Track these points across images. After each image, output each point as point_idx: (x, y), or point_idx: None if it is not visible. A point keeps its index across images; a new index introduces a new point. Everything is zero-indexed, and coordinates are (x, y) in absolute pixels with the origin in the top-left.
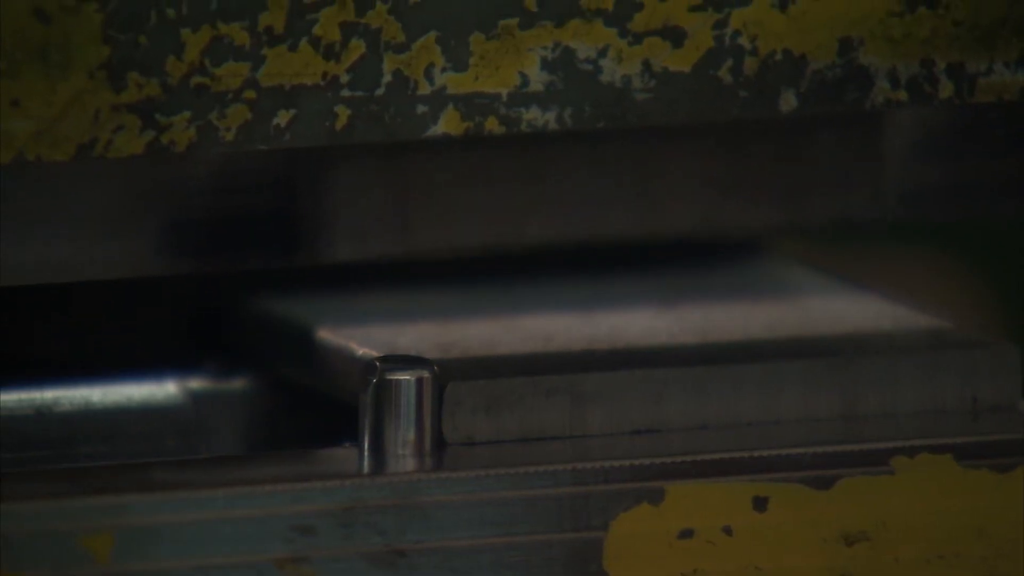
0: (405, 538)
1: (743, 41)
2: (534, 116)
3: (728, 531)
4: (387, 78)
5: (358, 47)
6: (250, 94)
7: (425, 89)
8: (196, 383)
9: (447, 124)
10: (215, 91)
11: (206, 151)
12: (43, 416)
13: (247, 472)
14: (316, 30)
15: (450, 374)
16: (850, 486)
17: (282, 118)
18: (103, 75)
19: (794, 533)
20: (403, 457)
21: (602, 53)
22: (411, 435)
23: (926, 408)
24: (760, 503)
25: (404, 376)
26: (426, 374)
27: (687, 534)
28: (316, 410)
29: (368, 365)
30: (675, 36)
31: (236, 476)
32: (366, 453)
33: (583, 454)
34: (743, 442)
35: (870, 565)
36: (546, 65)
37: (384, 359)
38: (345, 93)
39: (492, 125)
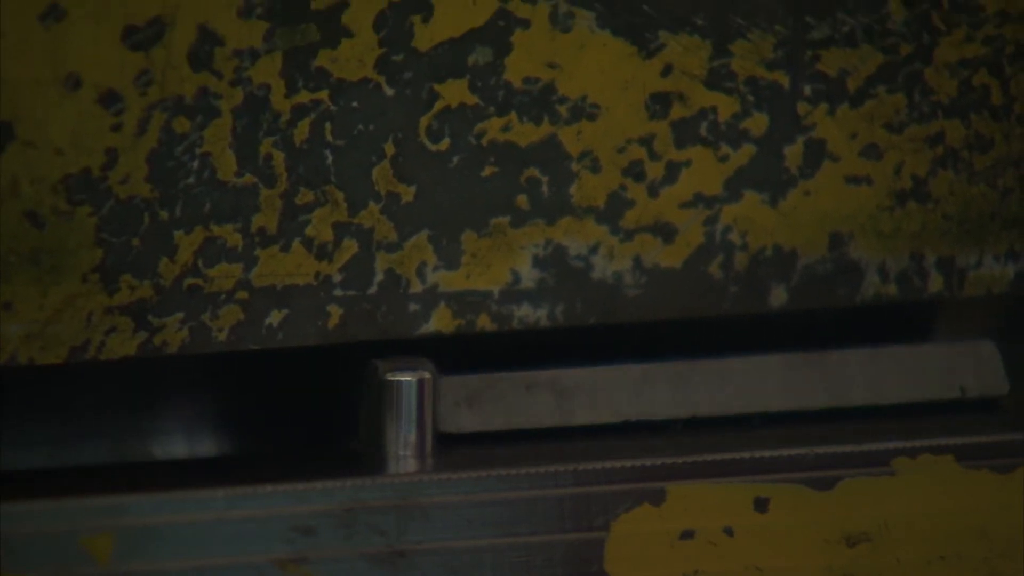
0: (406, 539)
1: (734, 237)
2: (526, 313)
3: (729, 532)
4: (379, 277)
5: (350, 247)
6: (243, 294)
7: (417, 287)
8: None
9: (439, 322)
10: (208, 292)
11: (199, 351)
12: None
13: (247, 472)
14: (309, 230)
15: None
16: (851, 487)
17: (274, 318)
18: (96, 278)
19: (795, 534)
20: (404, 458)
21: (593, 250)
22: (412, 436)
23: (910, 400)
24: (761, 504)
25: (405, 377)
26: (427, 375)
27: (688, 535)
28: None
29: (369, 366)
30: (666, 232)
31: (236, 476)
32: (367, 454)
33: (583, 454)
34: (744, 443)
35: (872, 566)
36: (538, 262)
37: (385, 360)
38: (337, 292)
39: (484, 322)
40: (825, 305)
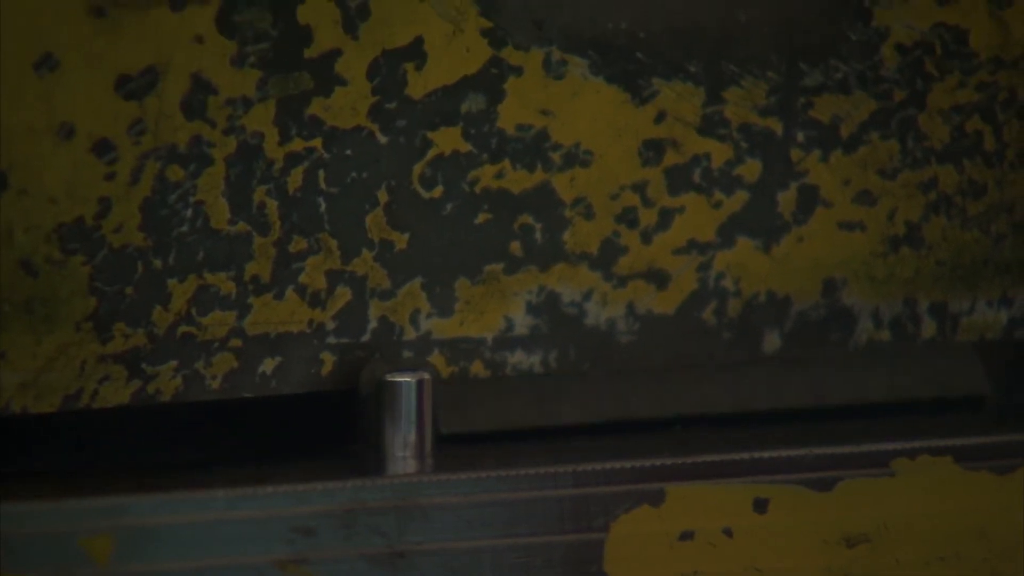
0: (405, 539)
1: (727, 283)
2: (519, 359)
3: (728, 532)
4: (373, 324)
5: (344, 294)
6: (236, 342)
7: (411, 335)
8: None
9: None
10: (201, 340)
11: (192, 399)
12: None
13: (247, 473)
14: (302, 278)
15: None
16: (851, 488)
17: (268, 365)
18: (89, 327)
19: (794, 535)
20: (404, 459)
21: (587, 296)
22: (412, 436)
23: (892, 400)
24: (760, 505)
25: (405, 378)
26: (426, 376)
27: (688, 535)
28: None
29: (370, 367)
30: (659, 279)
31: (236, 477)
32: (367, 454)
33: (583, 455)
34: (743, 444)
35: (871, 567)
36: (531, 309)
37: (384, 361)
38: (331, 340)
39: (477, 369)
40: (818, 351)
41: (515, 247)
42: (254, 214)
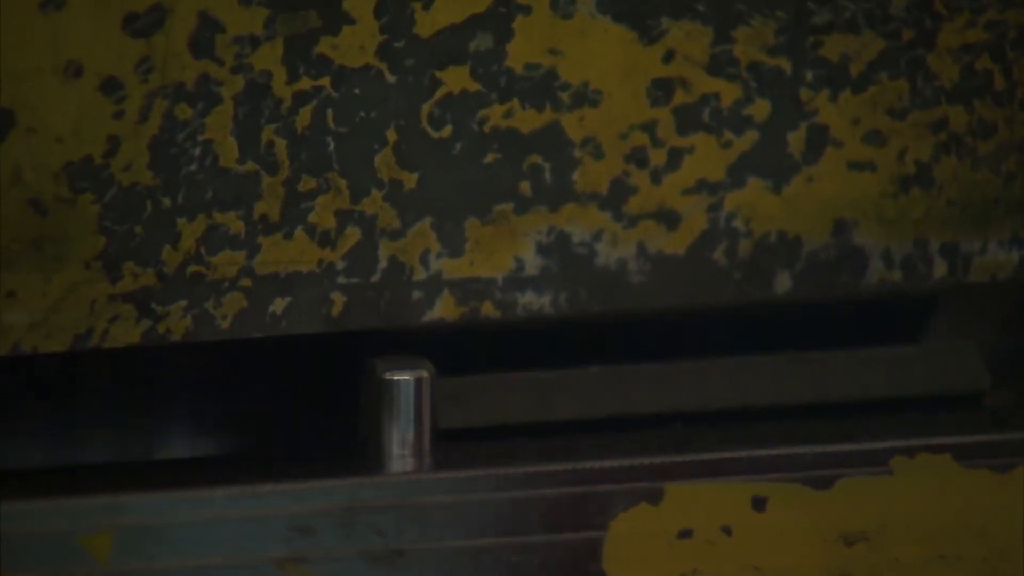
0: (404, 538)
1: (737, 223)
2: (529, 300)
3: (727, 531)
4: (382, 264)
5: (353, 234)
6: (246, 282)
7: (420, 275)
8: None
9: (443, 309)
10: (211, 279)
11: (202, 339)
12: None
13: (246, 472)
14: (311, 217)
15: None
16: (849, 486)
17: (277, 305)
18: (98, 266)
19: (793, 533)
20: (402, 457)
21: (597, 237)
22: (410, 435)
23: (893, 397)
24: (759, 503)
25: (403, 376)
26: (425, 374)
27: (686, 534)
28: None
29: (367, 365)
30: (669, 219)
31: (235, 476)
32: (365, 453)
33: (582, 454)
34: (742, 442)
35: (870, 565)
36: (541, 249)
37: (383, 360)
38: (341, 280)
39: (488, 310)
40: (830, 292)
41: (524, 187)
42: (263, 153)
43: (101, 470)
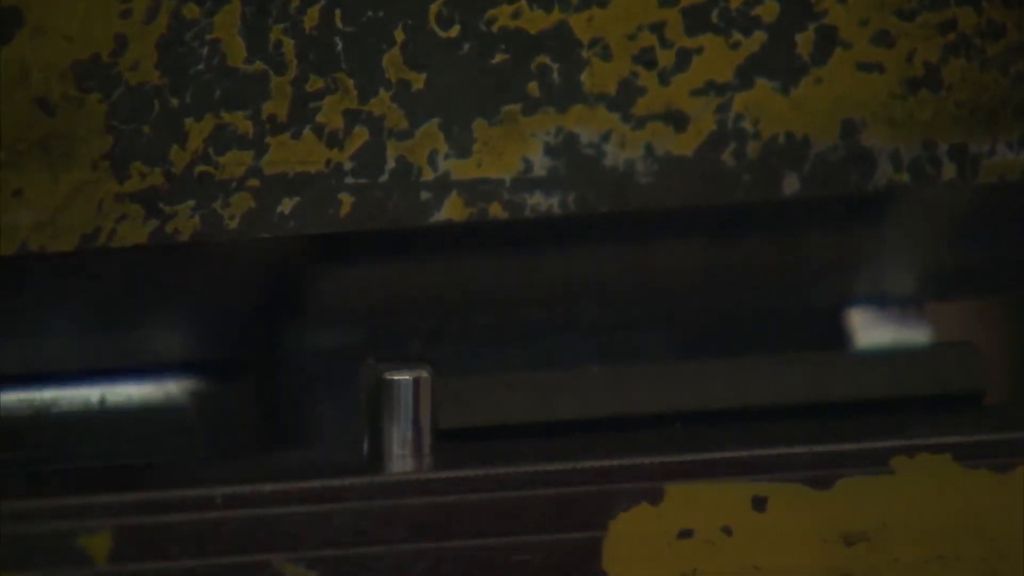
0: (404, 538)
1: (746, 124)
2: (537, 201)
3: (727, 531)
4: (390, 165)
5: (361, 134)
6: (254, 182)
7: (428, 175)
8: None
9: (450, 210)
10: (219, 179)
11: (210, 240)
12: (42, 416)
13: (247, 472)
14: (319, 118)
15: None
16: (850, 486)
17: (286, 206)
18: (106, 165)
19: (793, 533)
20: (402, 457)
21: (605, 138)
22: (410, 434)
23: (893, 397)
24: (759, 503)
25: (403, 376)
26: (424, 374)
27: (686, 534)
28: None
29: (367, 366)
30: (677, 120)
31: (236, 476)
32: (365, 453)
33: (581, 453)
34: (742, 441)
35: (870, 565)
36: (549, 150)
37: (383, 360)
38: (349, 180)
39: (496, 211)
40: (838, 193)
41: (532, 88)
42: (271, 53)
43: (101, 470)
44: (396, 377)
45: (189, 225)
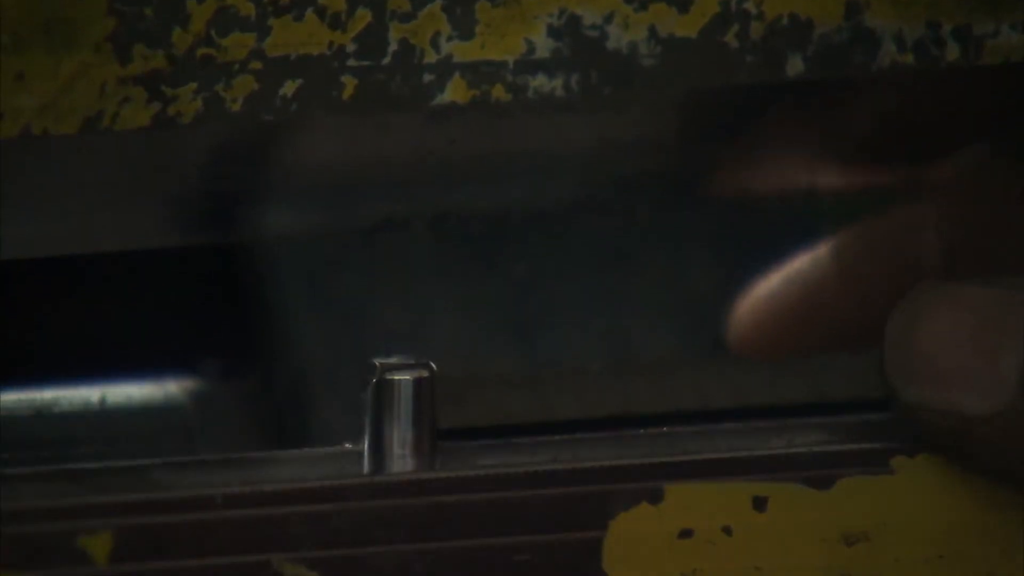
0: (404, 538)
1: (749, 6)
2: (541, 83)
3: (728, 531)
4: (393, 47)
5: (364, 16)
6: (256, 64)
7: (431, 58)
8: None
9: (454, 92)
10: (221, 62)
11: (213, 122)
12: (42, 416)
13: (247, 472)
14: (321, 0)
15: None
16: (850, 486)
17: (288, 88)
18: (109, 48)
19: (794, 533)
20: (403, 457)
21: (608, 19)
22: (410, 435)
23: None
24: (760, 503)
25: (403, 376)
26: (425, 374)
27: (687, 534)
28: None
29: (368, 365)
30: (681, 1)
31: (236, 476)
32: (366, 453)
33: (581, 453)
34: (742, 442)
35: (870, 565)
36: (552, 32)
37: (383, 359)
38: (351, 63)
39: (499, 93)
40: (842, 75)
41: None
42: None
43: (101, 470)
44: (396, 377)
45: (191, 108)
